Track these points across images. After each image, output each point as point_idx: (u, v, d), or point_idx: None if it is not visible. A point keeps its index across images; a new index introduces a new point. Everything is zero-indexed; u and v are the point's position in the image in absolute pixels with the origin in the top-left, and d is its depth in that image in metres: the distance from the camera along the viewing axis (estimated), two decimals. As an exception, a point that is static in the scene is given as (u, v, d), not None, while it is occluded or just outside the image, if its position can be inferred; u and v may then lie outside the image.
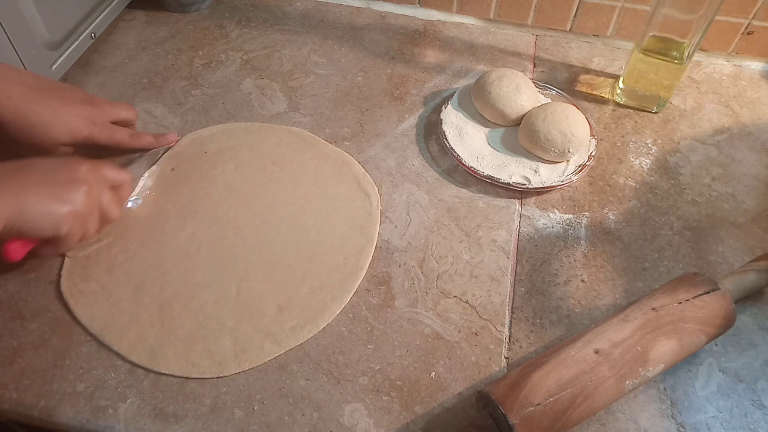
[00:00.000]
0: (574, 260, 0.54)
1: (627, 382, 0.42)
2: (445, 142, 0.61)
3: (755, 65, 0.73)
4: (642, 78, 0.64)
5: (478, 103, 0.63)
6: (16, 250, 0.46)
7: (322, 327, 0.48)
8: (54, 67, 0.65)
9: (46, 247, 0.48)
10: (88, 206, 0.47)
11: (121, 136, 0.57)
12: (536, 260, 0.54)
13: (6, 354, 0.46)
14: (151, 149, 0.60)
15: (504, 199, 0.58)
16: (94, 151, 0.56)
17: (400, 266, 0.53)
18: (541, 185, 0.57)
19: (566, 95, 0.66)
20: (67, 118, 0.52)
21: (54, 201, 0.45)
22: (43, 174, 0.45)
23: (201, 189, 0.57)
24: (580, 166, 0.59)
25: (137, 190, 0.57)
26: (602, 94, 0.69)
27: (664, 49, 0.61)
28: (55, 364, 0.46)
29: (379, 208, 0.57)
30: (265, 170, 0.59)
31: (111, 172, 0.50)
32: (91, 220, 0.48)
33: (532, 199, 0.58)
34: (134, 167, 0.59)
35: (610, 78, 0.71)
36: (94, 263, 0.52)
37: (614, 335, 0.43)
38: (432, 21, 0.79)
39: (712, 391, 0.45)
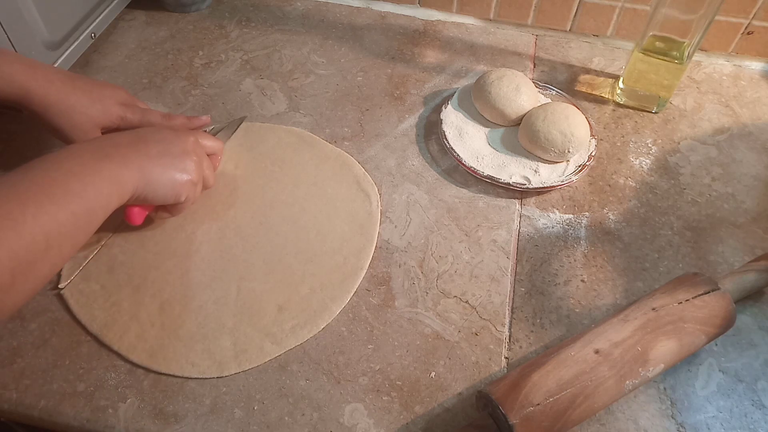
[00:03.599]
0: (574, 260, 0.54)
1: (627, 382, 0.41)
2: (445, 142, 0.61)
3: (755, 65, 0.73)
4: (642, 78, 0.64)
5: (478, 103, 0.63)
6: (138, 215, 0.50)
7: (322, 327, 0.48)
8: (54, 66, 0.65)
9: (162, 212, 0.52)
10: (198, 174, 0.50)
11: (154, 117, 0.60)
12: (536, 260, 0.54)
13: (6, 354, 0.46)
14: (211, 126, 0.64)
15: (504, 199, 0.58)
16: None
17: (400, 266, 0.53)
18: (541, 185, 0.57)
19: (566, 95, 0.66)
20: (102, 100, 0.55)
21: (174, 171, 0.48)
22: (160, 146, 0.48)
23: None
24: (580, 166, 0.59)
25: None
26: (602, 94, 0.69)
27: (664, 49, 0.61)
28: (55, 364, 0.46)
29: (379, 208, 0.57)
30: (265, 170, 0.59)
31: (208, 141, 0.55)
32: (199, 187, 0.51)
33: (532, 199, 0.58)
34: (220, 136, 0.61)
35: (610, 78, 0.71)
36: (94, 263, 0.52)
37: (614, 335, 0.43)
38: (432, 21, 0.79)
39: (712, 391, 0.45)
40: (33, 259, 0.37)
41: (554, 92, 0.67)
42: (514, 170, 0.59)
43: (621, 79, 0.67)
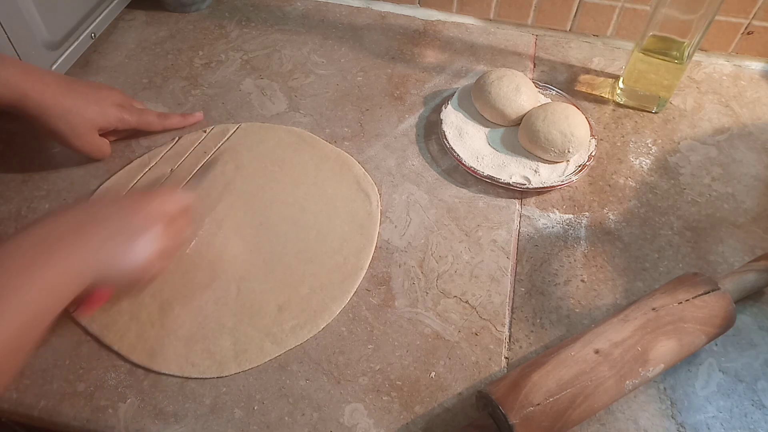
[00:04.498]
0: (574, 260, 0.54)
1: (627, 382, 0.41)
2: (445, 142, 0.61)
3: (755, 65, 0.73)
4: (642, 78, 0.64)
5: (478, 103, 0.63)
6: (99, 299, 0.46)
7: (322, 327, 0.48)
8: (54, 67, 0.65)
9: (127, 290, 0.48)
10: (165, 243, 0.45)
11: (150, 116, 0.61)
12: (536, 260, 0.54)
13: (6, 354, 0.46)
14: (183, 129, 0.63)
15: (504, 199, 0.58)
16: (127, 135, 0.62)
17: (400, 266, 0.53)
18: (541, 185, 0.57)
19: (566, 95, 0.66)
20: (99, 102, 0.55)
21: (134, 250, 0.43)
22: (113, 224, 0.43)
23: (201, 189, 0.57)
24: (580, 166, 0.59)
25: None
26: (602, 94, 0.69)
27: (664, 49, 0.61)
28: (55, 364, 0.46)
29: (379, 208, 0.57)
30: (265, 170, 0.59)
31: (171, 203, 0.47)
32: (170, 255, 0.47)
33: (532, 199, 0.58)
34: (197, 175, 0.58)
35: (610, 78, 0.71)
36: (94, 263, 0.52)
37: (614, 335, 0.43)
38: (432, 21, 0.79)
39: (712, 391, 0.45)
40: None
41: (554, 92, 0.67)
42: (514, 170, 0.59)
43: (621, 79, 0.67)
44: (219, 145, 0.61)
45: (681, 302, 0.45)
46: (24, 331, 0.36)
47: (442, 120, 0.63)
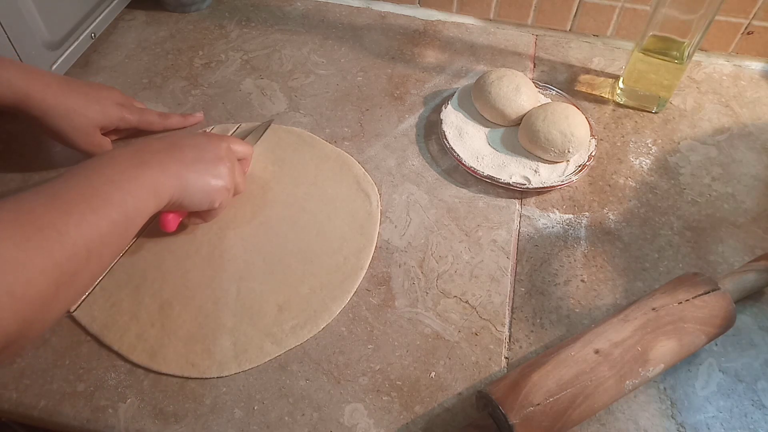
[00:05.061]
0: (574, 260, 0.54)
1: (627, 382, 0.41)
2: (445, 142, 0.61)
3: (755, 65, 0.73)
4: (642, 78, 0.64)
5: (478, 103, 0.63)
6: (172, 221, 0.50)
7: (322, 327, 0.48)
8: (54, 67, 0.65)
9: (195, 218, 0.52)
10: (231, 180, 0.50)
11: (151, 116, 0.61)
12: (536, 260, 0.54)
13: (6, 354, 0.46)
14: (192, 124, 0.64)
15: (504, 199, 0.58)
16: (128, 136, 0.62)
17: (400, 266, 0.53)
18: (541, 185, 0.57)
19: (566, 95, 0.66)
20: (100, 101, 0.56)
21: (209, 177, 0.48)
22: (194, 151, 0.48)
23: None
24: (580, 166, 0.59)
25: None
26: (602, 94, 0.69)
27: (664, 49, 0.61)
28: (55, 364, 0.46)
29: (379, 208, 0.57)
30: (265, 170, 0.59)
31: (239, 146, 0.54)
32: (231, 192, 0.51)
33: (532, 199, 0.58)
34: (249, 139, 0.61)
35: (610, 78, 0.71)
36: (94, 263, 0.52)
37: (614, 335, 0.43)
38: (432, 21, 0.79)
39: (712, 391, 0.45)
40: (75, 270, 0.36)
41: (554, 92, 0.67)
42: (514, 170, 0.59)
43: (621, 79, 0.67)
44: None
45: (681, 302, 0.45)
46: (122, 223, 0.40)
47: (442, 120, 0.63)
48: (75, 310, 0.48)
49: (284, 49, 0.74)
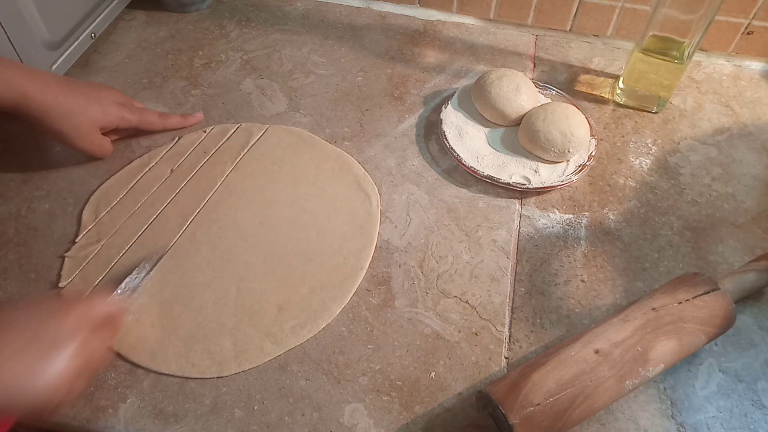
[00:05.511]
0: (574, 260, 0.54)
1: (627, 382, 0.41)
2: (445, 142, 0.61)
3: (755, 65, 0.73)
4: (642, 78, 0.64)
5: (478, 103, 0.63)
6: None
7: (322, 327, 0.48)
8: (54, 67, 0.65)
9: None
10: (80, 361, 0.39)
11: (151, 116, 0.61)
12: (536, 260, 0.54)
13: (6, 354, 0.46)
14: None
15: (504, 199, 0.58)
16: (128, 135, 0.62)
17: (400, 266, 0.53)
18: (541, 185, 0.57)
19: (566, 95, 0.66)
20: (100, 101, 0.56)
21: (48, 367, 0.37)
22: (23, 336, 0.37)
23: (201, 189, 0.57)
24: (580, 166, 0.59)
25: (134, 307, 0.49)
26: (602, 94, 0.69)
27: (664, 49, 0.61)
28: (55, 364, 0.46)
29: (379, 208, 0.57)
30: (265, 170, 0.59)
31: (102, 307, 0.43)
32: (87, 372, 0.41)
33: (532, 199, 0.58)
34: (130, 280, 0.50)
35: (610, 78, 0.71)
36: (94, 263, 0.52)
37: (614, 335, 0.43)
38: (432, 21, 0.79)
39: (712, 391, 0.45)
40: None
41: (554, 92, 0.67)
42: (514, 170, 0.59)
43: (621, 79, 0.67)
44: (219, 145, 0.61)
45: (681, 302, 0.45)
46: None
47: (442, 120, 0.63)
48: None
49: (284, 49, 0.74)
